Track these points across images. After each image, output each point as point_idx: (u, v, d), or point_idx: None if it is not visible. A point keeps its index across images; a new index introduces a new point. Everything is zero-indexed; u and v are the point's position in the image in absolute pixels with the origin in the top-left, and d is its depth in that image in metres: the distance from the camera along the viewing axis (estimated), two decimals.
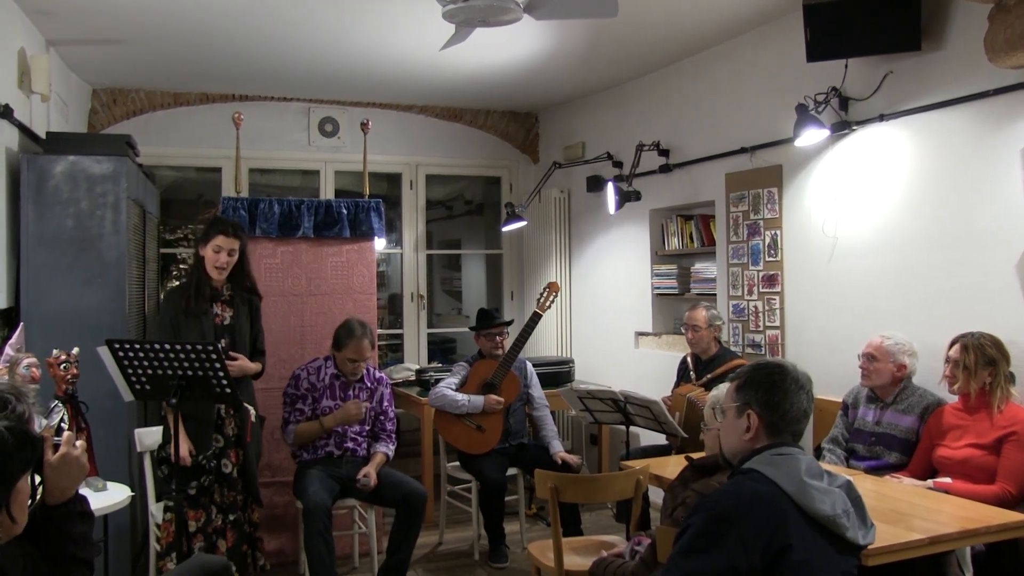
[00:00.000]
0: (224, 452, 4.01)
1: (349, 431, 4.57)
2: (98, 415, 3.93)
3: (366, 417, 4.62)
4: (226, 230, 4.01)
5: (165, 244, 6.60)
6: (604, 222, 6.60)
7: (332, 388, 4.59)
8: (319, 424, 4.50)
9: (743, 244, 5.19)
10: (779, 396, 2.17)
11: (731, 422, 2.25)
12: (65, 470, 2.04)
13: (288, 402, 4.59)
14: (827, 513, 2.04)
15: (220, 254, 4.00)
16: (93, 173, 4.45)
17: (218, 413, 4.02)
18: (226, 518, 4.01)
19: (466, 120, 7.46)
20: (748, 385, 2.21)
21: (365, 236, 5.35)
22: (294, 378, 4.61)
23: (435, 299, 8.77)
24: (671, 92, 5.94)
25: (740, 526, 1.96)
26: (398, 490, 4.41)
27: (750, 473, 2.09)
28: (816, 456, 4.02)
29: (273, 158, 6.96)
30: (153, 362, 3.45)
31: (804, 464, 2.10)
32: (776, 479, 2.04)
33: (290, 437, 4.54)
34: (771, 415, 2.17)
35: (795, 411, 2.17)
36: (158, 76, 6.12)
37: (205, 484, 3.95)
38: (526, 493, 5.51)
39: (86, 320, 4.34)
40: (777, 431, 2.17)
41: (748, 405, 2.19)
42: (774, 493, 2.02)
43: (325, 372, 4.61)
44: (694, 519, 2.03)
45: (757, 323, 5.11)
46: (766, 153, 5.05)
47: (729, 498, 2.04)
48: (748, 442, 2.19)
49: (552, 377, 6.19)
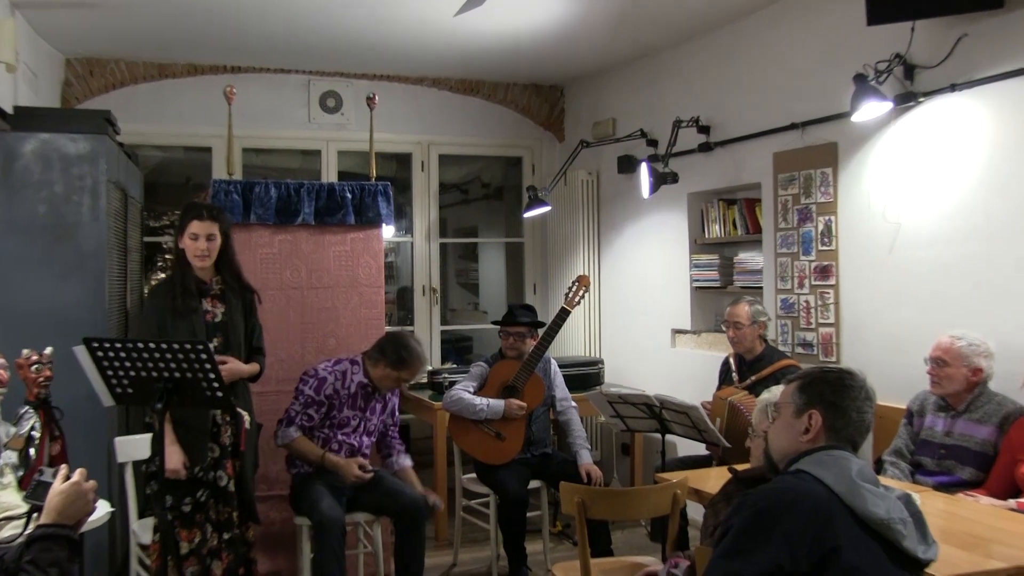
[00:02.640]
0: (220, 463, 4.00)
1: (363, 446, 4.58)
2: (74, 422, 3.92)
3: (374, 433, 4.66)
4: (199, 214, 4.01)
5: (149, 232, 6.63)
6: (637, 207, 6.59)
7: (355, 397, 4.54)
8: (321, 457, 4.45)
9: (793, 231, 5.17)
10: (848, 401, 2.22)
11: (787, 421, 2.28)
12: (73, 499, 2.20)
13: (300, 400, 4.50)
14: (881, 516, 2.05)
15: (198, 241, 3.99)
16: (68, 153, 4.44)
17: (214, 420, 4.01)
18: (221, 537, 3.99)
19: (484, 94, 7.46)
20: (816, 384, 2.26)
21: (372, 223, 5.34)
22: (318, 380, 4.50)
23: (449, 293, 8.78)
24: (712, 62, 5.92)
25: (784, 523, 2.01)
26: (394, 500, 4.42)
27: (797, 473, 2.14)
28: (876, 471, 3.96)
29: (269, 137, 6.97)
30: (136, 363, 3.42)
31: (856, 467, 2.13)
32: (824, 479, 2.08)
33: (285, 438, 4.48)
34: (835, 418, 2.21)
35: (860, 421, 2.22)
36: (140, 45, 6.11)
37: (201, 499, 3.94)
38: (550, 508, 5.50)
39: (61, 316, 4.34)
40: (837, 437, 2.21)
41: (811, 405, 2.23)
42: (822, 492, 2.06)
43: (352, 379, 4.54)
44: (735, 519, 2.08)
45: (808, 320, 5.08)
46: (819, 129, 5.02)
47: (772, 495, 2.09)
48: (804, 445, 2.22)
49: (580, 379, 6.21)
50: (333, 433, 4.52)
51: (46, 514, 2.17)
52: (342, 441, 4.53)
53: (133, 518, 4.29)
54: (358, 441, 4.56)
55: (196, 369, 3.40)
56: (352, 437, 4.55)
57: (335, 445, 4.51)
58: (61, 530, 2.15)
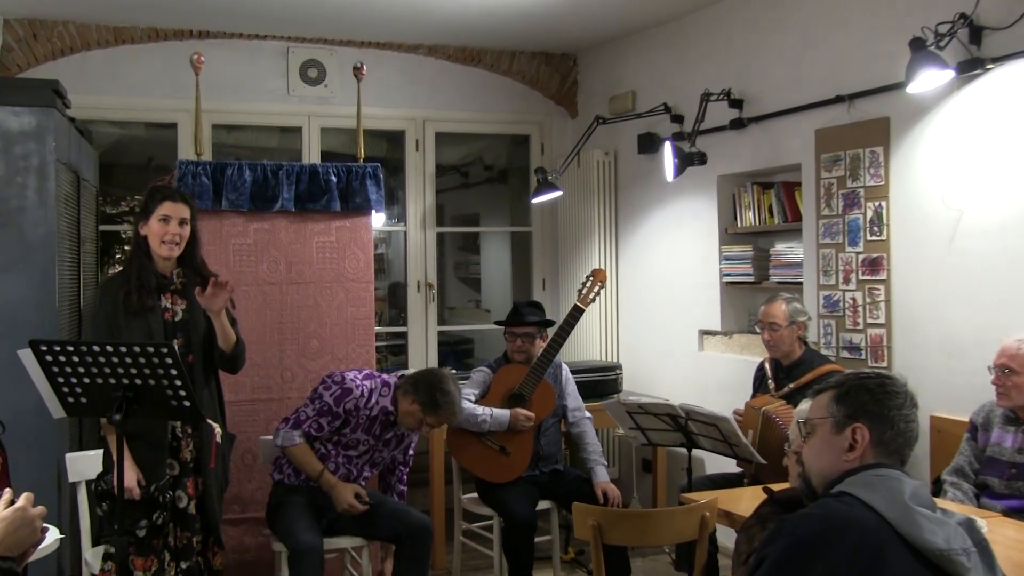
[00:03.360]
0: (180, 482, 4.01)
1: (361, 476, 4.59)
2: (18, 436, 3.88)
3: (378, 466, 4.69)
4: (172, 195, 4.05)
5: (106, 219, 6.65)
6: (660, 192, 6.60)
7: (374, 422, 4.52)
8: (319, 473, 4.46)
9: (838, 219, 5.17)
10: (894, 410, 2.20)
11: (826, 439, 2.25)
12: (17, 527, 2.18)
13: (315, 405, 4.48)
14: (939, 546, 2.01)
15: (169, 224, 4.00)
16: (10, 129, 4.45)
17: (173, 433, 4.01)
18: (179, 566, 3.98)
19: (486, 64, 7.46)
20: (855, 393, 2.24)
21: (360, 210, 5.38)
22: (342, 389, 4.46)
23: (447, 289, 8.78)
24: (746, 26, 5.91)
25: (827, 555, 1.97)
26: (399, 522, 4.43)
27: (840, 496, 2.11)
28: (934, 493, 3.96)
29: (243, 112, 6.97)
30: (91, 368, 3.41)
31: (909, 488, 2.10)
32: (873, 503, 2.05)
33: (287, 440, 4.46)
34: (884, 431, 2.19)
35: (908, 431, 2.20)
36: (93, 5, 6.10)
37: (158, 523, 3.94)
38: (562, 533, 5.52)
39: (4, 315, 4.36)
40: (887, 452, 2.20)
41: (854, 418, 2.21)
42: (871, 518, 2.03)
43: (377, 401, 4.52)
44: (771, 548, 2.05)
45: (855, 319, 5.08)
46: (869, 103, 5.01)
47: (813, 521, 2.06)
48: (849, 464, 2.20)
49: (594, 387, 6.21)
50: (336, 451, 4.53)
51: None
52: (342, 464, 4.54)
53: (86, 546, 4.28)
54: (357, 470, 4.57)
55: (160, 375, 3.39)
56: (354, 463, 4.56)
57: (332, 465, 4.51)
58: (3, 563, 2.13)
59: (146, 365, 3.37)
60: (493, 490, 5.06)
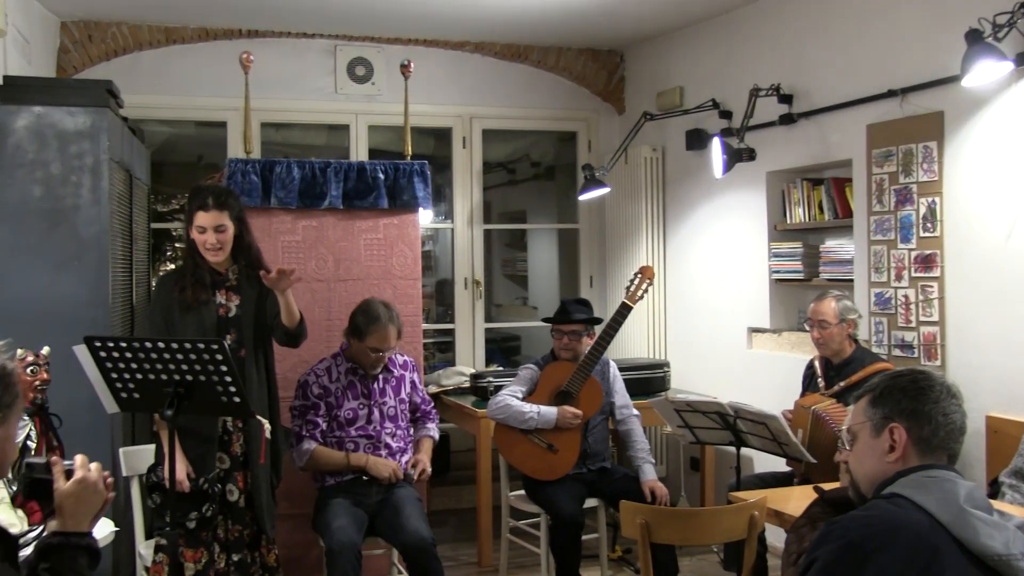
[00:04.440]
0: (230, 476, 4.05)
1: (384, 433, 4.65)
2: (74, 431, 3.95)
3: (399, 416, 4.73)
4: (204, 204, 4.03)
5: (157, 217, 6.72)
6: (708, 188, 6.58)
7: (352, 388, 4.67)
8: (344, 458, 4.58)
9: (890, 215, 5.12)
10: (929, 404, 2.18)
11: (867, 444, 2.24)
12: (84, 497, 2.20)
13: (298, 415, 4.68)
14: (998, 551, 1.98)
15: (206, 235, 4.04)
16: (65, 128, 4.49)
17: (223, 427, 4.05)
18: (230, 558, 4.03)
19: (533, 60, 7.45)
20: (888, 393, 2.23)
21: (407, 207, 5.40)
22: (300, 387, 4.70)
23: (495, 286, 8.78)
24: (796, 19, 5.87)
25: (880, 559, 1.95)
26: (396, 535, 4.42)
27: (892, 498, 2.09)
28: (991, 495, 3.91)
29: (291, 110, 7.02)
30: (143, 364, 3.46)
31: (964, 490, 2.07)
32: (926, 505, 2.03)
33: (303, 458, 4.60)
34: (922, 428, 2.17)
35: (949, 423, 2.17)
36: (145, 5, 6.17)
37: (207, 515, 3.99)
38: (609, 531, 5.51)
39: (59, 312, 4.39)
40: (929, 449, 2.17)
41: (890, 419, 2.20)
42: (924, 521, 2.01)
43: (337, 371, 4.71)
44: (820, 551, 2.04)
45: (908, 317, 5.03)
46: (922, 96, 4.95)
47: (864, 524, 2.03)
48: (892, 466, 2.18)
49: (642, 384, 6.21)
50: (345, 432, 4.64)
51: (59, 520, 2.17)
52: (358, 437, 4.63)
53: (139, 538, 4.34)
54: (376, 431, 4.64)
55: (211, 371, 3.44)
56: (369, 428, 4.65)
57: (351, 445, 4.61)
58: (79, 539, 2.17)
59: (197, 361, 3.41)
60: (540, 488, 5.04)
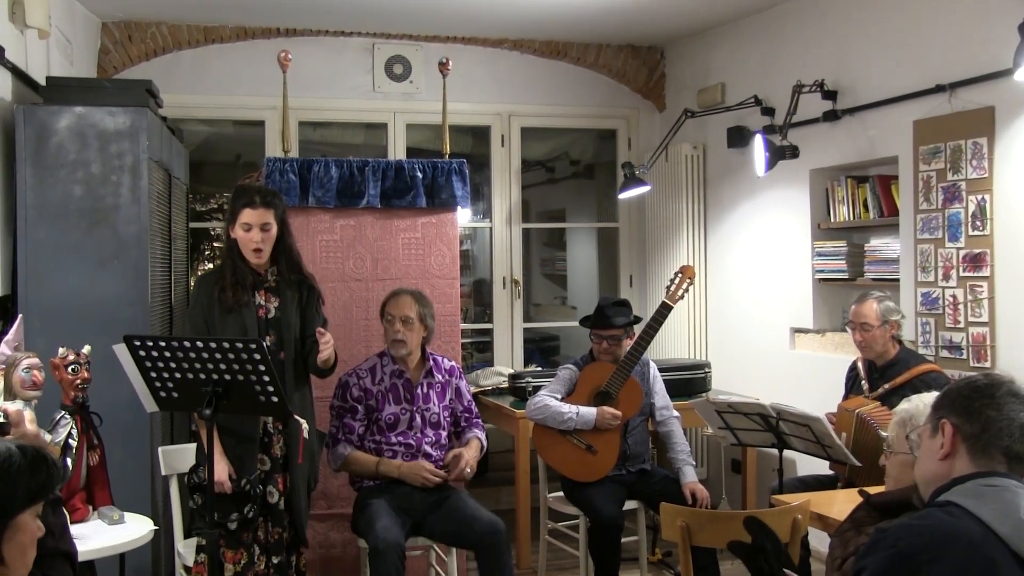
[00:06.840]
0: (271, 477, 4.06)
1: (424, 442, 4.60)
2: (114, 429, 4.01)
3: (441, 423, 4.69)
4: (251, 201, 4.05)
5: (196, 217, 6.78)
6: (750, 186, 6.56)
7: (395, 391, 4.63)
8: (375, 465, 4.54)
9: (937, 214, 5.08)
10: (982, 403, 2.12)
11: (926, 447, 2.23)
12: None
13: (335, 415, 4.65)
14: None
15: (251, 232, 4.04)
16: (106, 128, 4.53)
17: (264, 428, 4.07)
18: (270, 560, 4.05)
19: (572, 57, 7.45)
20: (946, 396, 2.21)
21: (445, 206, 5.40)
22: (340, 387, 4.67)
23: (533, 286, 8.77)
24: (840, 14, 5.84)
25: (931, 571, 1.91)
26: (470, 528, 4.41)
27: (946, 506, 2.04)
28: None
29: (329, 108, 7.06)
30: (182, 363, 3.50)
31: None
32: (982, 515, 1.97)
33: (337, 461, 4.59)
34: (971, 424, 2.11)
35: (1008, 425, 2.09)
36: (184, 5, 6.23)
37: (249, 516, 4.01)
38: (649, 533, 5.49)
39: (99, 311, 4.43)
40: (982, 449, 2.10)
41: (942, 416, 2.18)
42: (979, 532, 1.95)
43: (382, 372, 4.66)
44: (868, 560, 2.01)
45: (956, 318, 4.98)
46: (971, 91, 4.91)
47: (916, 533, 1.99)
48: (943, 464, 2.15)
49: (683, 385, 6.19)
50: (384, 437, 4.60)
51: None
52: (398, 443, 4.59)
53: (178, 537, 4.37)
54: (416, 439, 4.60)
55: (249, 371, 3.46)
56: (409, 435, 4.61)
57: (389, 452, 4.57)
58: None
59: (235, 361, 3.43)
60: (579, 489, 5.03)
